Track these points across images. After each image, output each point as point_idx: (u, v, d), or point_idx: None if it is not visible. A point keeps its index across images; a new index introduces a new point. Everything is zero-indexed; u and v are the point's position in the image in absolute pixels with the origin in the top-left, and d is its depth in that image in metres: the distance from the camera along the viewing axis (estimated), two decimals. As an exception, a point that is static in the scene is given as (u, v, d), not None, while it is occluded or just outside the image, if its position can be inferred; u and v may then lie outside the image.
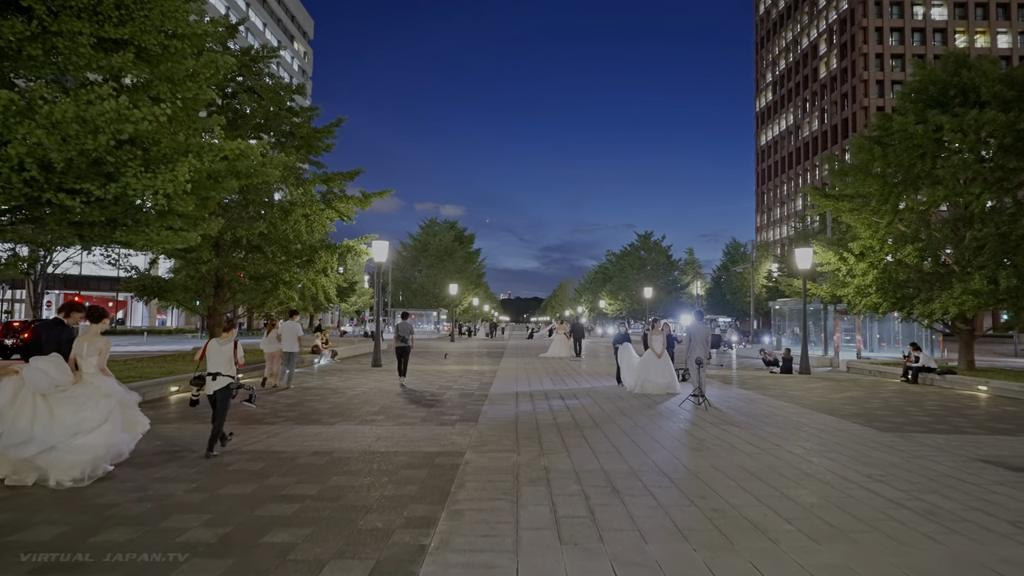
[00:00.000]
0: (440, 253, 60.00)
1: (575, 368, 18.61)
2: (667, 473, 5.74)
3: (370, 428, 7.96)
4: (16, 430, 5.01)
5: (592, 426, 8.29)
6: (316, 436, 7.39)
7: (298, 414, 9.08)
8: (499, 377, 15.25)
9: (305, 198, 17.71)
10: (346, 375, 15.41)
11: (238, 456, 6.28)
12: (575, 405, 10.32)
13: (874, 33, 75.38)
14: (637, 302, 59.85)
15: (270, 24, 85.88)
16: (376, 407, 9.84)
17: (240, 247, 17.25)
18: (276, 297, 17.46)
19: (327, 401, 10.51)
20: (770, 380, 15.58)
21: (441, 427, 8.11)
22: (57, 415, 5.15)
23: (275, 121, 17.03)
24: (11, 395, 5.13)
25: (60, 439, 5.09)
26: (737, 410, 10.03)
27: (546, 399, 11.04)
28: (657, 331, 12.31)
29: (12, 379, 5.20)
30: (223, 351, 6.42)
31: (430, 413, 9.29)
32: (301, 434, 7.53)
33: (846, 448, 7.01)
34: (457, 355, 24.79)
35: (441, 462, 6.11)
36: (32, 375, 5.20)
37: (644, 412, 9.65)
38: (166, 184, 7.13)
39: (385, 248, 18.50)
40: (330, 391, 11.97)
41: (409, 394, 11.61)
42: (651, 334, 12.33)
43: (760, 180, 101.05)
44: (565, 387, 13.13)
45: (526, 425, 8.29)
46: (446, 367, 18.38)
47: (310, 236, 18.55)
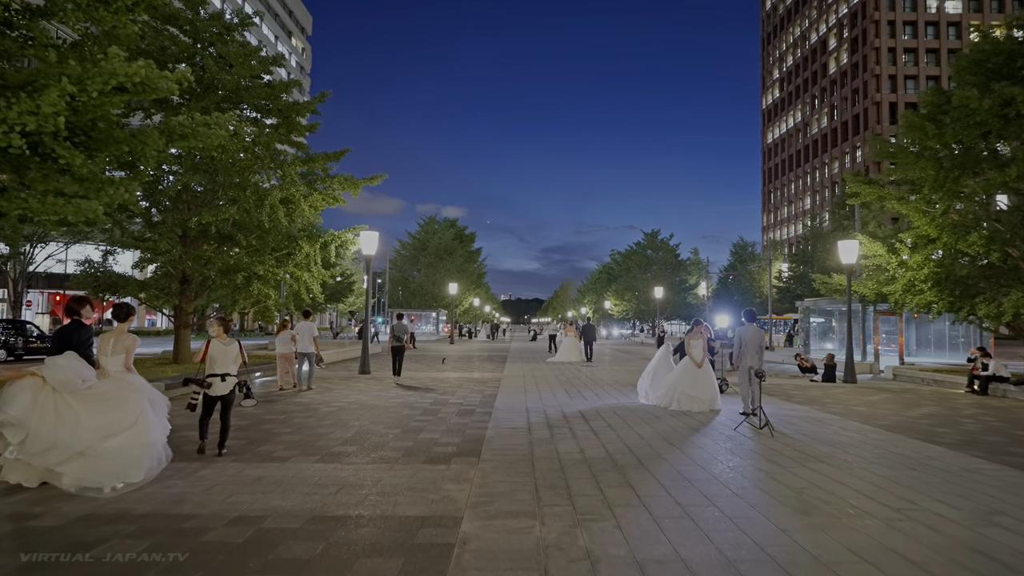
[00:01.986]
0: (439, 252, 57.77)
1: (590, 376, 16.44)
2: (786, 569, 3.59)
3: (334, 469, 5.81)
4: (39, 436, 4.72)
5: (635, 464, 6.14)
6: (254, 484, 5.24)
7: (246, 442, 6.94)
8: (504, 387, 13.10)
9: (284, 180, 15.59)
10: (327, 384, 13.27)
11: (118, 525, 4.14)
12: (603, 428, 8.17)
13: (886, 27, 73.22)
14: (644, 303, 57.63)
15: (267, 19, 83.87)
16: (351, 432, 7.69)
17: (208, 237, 15.12)
18: (249, 295, 15.31)
19: (291, 422, 8.37)
20: (817, 391, 13.43)
21: (431, 465, 5.97)
22: (84, 417, 4.83)
23: (249, 94, 14.90)
24: (30, 399, 4.79)
25: (88, 443, 4.80)
26: (808, 435, 7.88)
27: (565, 419, 8.89)
28: (697, 335, 10.16)
29: (30, 382, 4.86)
30: (229, 352, 6.32)
31: (418, 441, 7.15)
32: (236, 478, 5.38)
33: (1014, 506, 4.87)
34: (456, 359, 22.65)
35: (425, 539, 3.97)
36: (55, 372, 4.88)
37: (695, 440, 7.50)
38: (25, 117, 5.02)
39: (375, 239, 16.37)
40: (300, 407, 9.82)
41: (396, 410, 9.48)
42: (689, 338, 10.19)
43: (767, 179, 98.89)
44: (585, 402, 10.97)
45: (546, 462, 6.14)
46: (444, 373, 16.24)
47: (291, 225, 16.42)
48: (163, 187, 13.98)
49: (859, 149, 73.90)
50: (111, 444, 4.87)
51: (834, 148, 79.21)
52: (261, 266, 14.58)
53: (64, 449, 4.73)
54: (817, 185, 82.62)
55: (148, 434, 5.09)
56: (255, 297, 15.58)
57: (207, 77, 13.90)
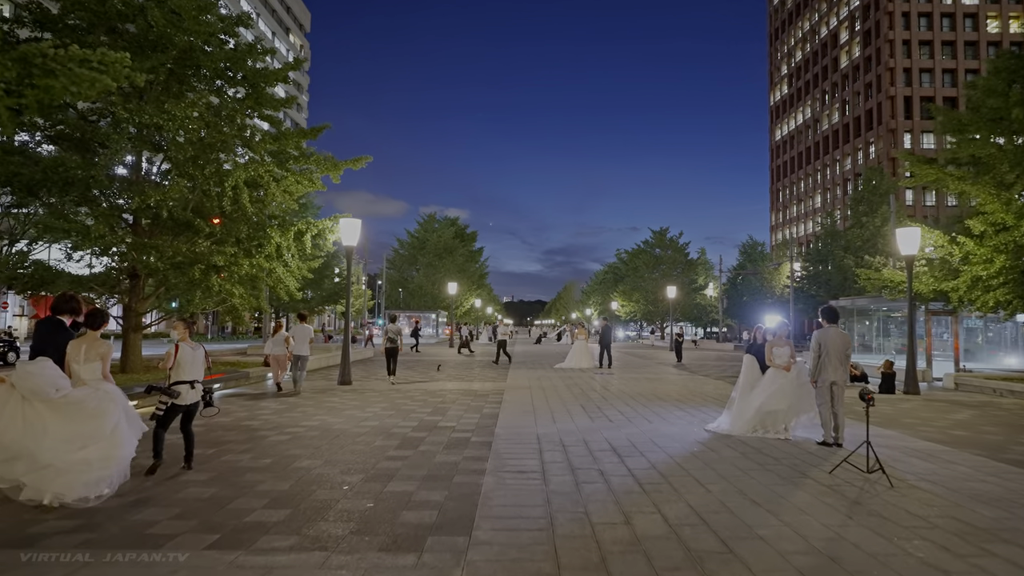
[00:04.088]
0: (439, 251, 55.46)
1: (609, 388, 14.12)
2: None
3: (226, 570, 3.53)
4: (2, 446, 4.47)
5: (720, 551, 3.81)
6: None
7: (132, 500, 4.68)
8: (508, 403, 10.81)
9: (251, 160, 13.33)
10: (299, 400, 10.99)
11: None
12: (649, 475, 5.86)
13: (900, 18, 70.87)
14: (653, 303, 55.28)
15: (263, 14, 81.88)
16: (289, 480, 5.40)
17: (160, 224, 12.87)
18: (208, 291, 13.00)
19: (215, 461, 6.07)
20: (886, 406, 11.13)
21: (390, 558, 3.68)
22: (52, 428, 4.56)
23: (207, 58, 12.63)
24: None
25: (57, 455, 4.50)
26: (937, 481, 5.57)
27: (591, 456, 6.58)
28: (781, 340, 7.84)
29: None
30: (197, 357, 5.83)
31: (383, 499, 4.86)
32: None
33: None
34: (454, 365, 20.33)
35: None
36: (25, 380, 4.60)
37: (788, 496, 5.18)
38: None
39: (357, 228, 14.09)
40: (245, 434, 7.53)
41: (366, 440, 7.18)
42: (772, 345, 7.80)
43: (775, 177, 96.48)
44: (612, 427, 8.64)
45: (576, 551, 3.84)
46: (437, 383, 13.95)
47: (262, 211, 14.17)
48: (99, 160, 11.70)
49: (872, 144, 71.50)
50: (80, 456, 4.60)
51: (846, 144, 76.85)
52: (220, 256, 12.31)
53: (30, 460, 4.49)
54: (828, 182, 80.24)
55: (120, 447, 4.85)
56: (215, 294, 13.29)
57: (154, 32, 11.65)
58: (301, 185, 14.37)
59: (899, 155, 15.79)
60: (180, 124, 11.60)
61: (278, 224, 14.36)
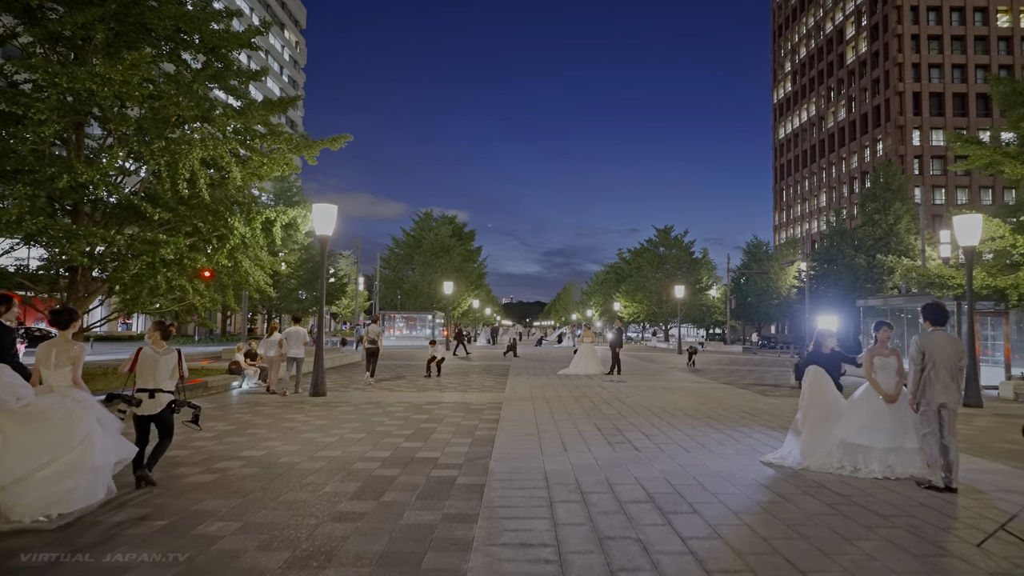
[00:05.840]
0: (436, 249, 53.54)
1: (626, 400, 12.27)
2: None
3: None
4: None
5: None
6: None
7: None
8: (507, 422, 8.94)
9: (209, 137, 11.49)
10: (257, 417, 9.14)
11: None
12: (717, 553, 4.00)
13: (909, 13, 69.18)
14: (657, 304, 53.44)
15: (257, 8, 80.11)
16: (168, 573, 3.57)
17: (107, 212, 11.04)
18: (156, 289, 11.13)
19: (75, 527, 4.24)
20: (962, 425, 9.30)
21: None
22: (16, 441, 4.10)
23: (155, 15, 10.79)
24: None
25: (23, 470, 4.04)
26: None
27: (623, 512, 4.72)
28: (884, 347, 5.95)
29: None
30: (164, 363, 5.22)
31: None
32: None
33: None
34: (448, 369, 18.47)
35: None
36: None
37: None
38: None
39: (332, 215, 12.24)
40: (159, 471, 5.66)
41: (316, 480, 5.33)
42: (872, 353, 5.92)
43: (778, 176, 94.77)
44: (639, 457, 6.78)
45: None
46: (426, 393, 12.09)
47: (222, 196, 12.34)
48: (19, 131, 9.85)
49: (880, 141, 69.79)
50: (46, 472, 4.12)
51: (852, 141, 75.14)
52: (168, 248, 10.45)
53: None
54: (834, 181, 78.52)
55: (91, 458, 4.32)
56: (164, 292, 11.42)
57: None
58: (272, 166, 12.54)
59: (949, 136, 14.00)
60: (117, 90, 9.77)
61: (242, 212, 12.51)
